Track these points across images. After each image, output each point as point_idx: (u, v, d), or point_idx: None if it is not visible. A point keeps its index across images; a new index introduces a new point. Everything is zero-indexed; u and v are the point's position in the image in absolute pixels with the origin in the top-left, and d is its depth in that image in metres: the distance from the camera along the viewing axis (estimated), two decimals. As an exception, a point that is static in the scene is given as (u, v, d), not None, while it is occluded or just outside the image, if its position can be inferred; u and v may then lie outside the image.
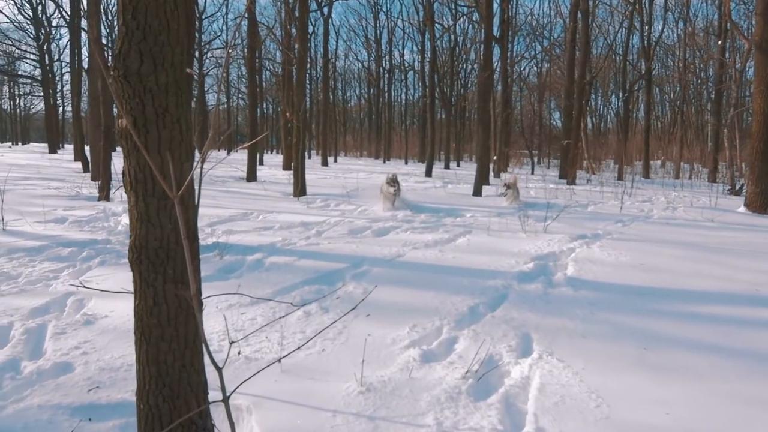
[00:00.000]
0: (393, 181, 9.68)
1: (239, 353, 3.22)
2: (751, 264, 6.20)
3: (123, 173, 2.20)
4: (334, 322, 3.21)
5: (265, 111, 53.00)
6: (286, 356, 2.31)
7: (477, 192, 13.63)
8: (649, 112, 29.38)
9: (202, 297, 3.03)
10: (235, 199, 11.09)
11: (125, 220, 8.04)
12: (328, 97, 33.27)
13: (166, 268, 2.15)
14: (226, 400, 1.90)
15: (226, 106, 53.35)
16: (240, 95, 51.92)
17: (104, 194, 10.43)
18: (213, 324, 3.66)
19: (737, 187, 17.22)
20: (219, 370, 1.90)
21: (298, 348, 2.33)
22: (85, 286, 2.49)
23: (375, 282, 4.87)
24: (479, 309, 4.23)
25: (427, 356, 3.28)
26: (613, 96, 45.59)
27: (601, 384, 2.94)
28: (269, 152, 51.01)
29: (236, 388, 2.07)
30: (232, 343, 1.94)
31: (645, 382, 3.02)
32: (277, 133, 51.32)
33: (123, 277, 4.84)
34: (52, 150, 33.91)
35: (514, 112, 36.05)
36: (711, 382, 3.05)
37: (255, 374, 2.09)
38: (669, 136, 37.36)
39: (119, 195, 10.33)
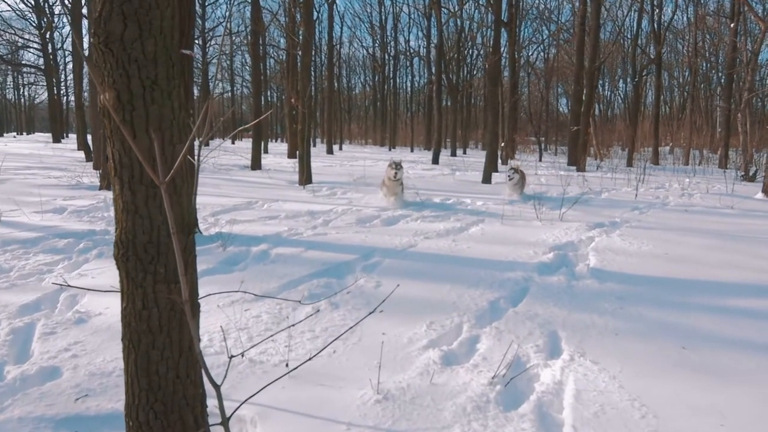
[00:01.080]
0: (396, 165, 8.57)
1: (243, 355, 2.94)
2: (781, 253, 5.88)
3: (106, 157, 1.91)
4: (351, 327, 2.92)
5: (269, 99, 52.58)
6: (295, 368, 2.03)
7: (486, 179, 13.30)
8: (658, 98, 28.82)
9: (201, 296, 2.75)
10: (239, 187, 10.82)
11: (126, 209, 7.77)
12: (333, 84, 32.84)
13: (157, 266, 1.86)
14: (225, 422, 1.62)
15: (230, 94, 52.98)
16: (244, 83, 51.43)
17: (105, 183, 10.16)
18: (214, 322, 3.39)
19: (751, 173, 16.81)
20: (217, 387, 1.62)
21: (309, 359, 2.04)
22: (68, 285, 2.22)
23: (387, 274, 4.59)
24: (500, 304, 3.94)
25: (449, 358, 3.00)
26: (621, 81, 44.98)
27: (642, 390, 2.65)
28: (274, 140, 50.67)
29: (238, 408, 1.79)
30: (231, 357, 1.66)
31: (690, 386, 2.73)
32: (281, 121, 51.00)
33: (121, 271, 4.57)
34: (56, 139, 33.70)
35: (521, 98, 35.53)
36: (764, 387, 2.75)
37: (260, 390, 1.81)
38: (678, 122, 36.77)
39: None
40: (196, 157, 2.24)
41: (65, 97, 41.09)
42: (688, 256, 5.63)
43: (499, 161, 19.19)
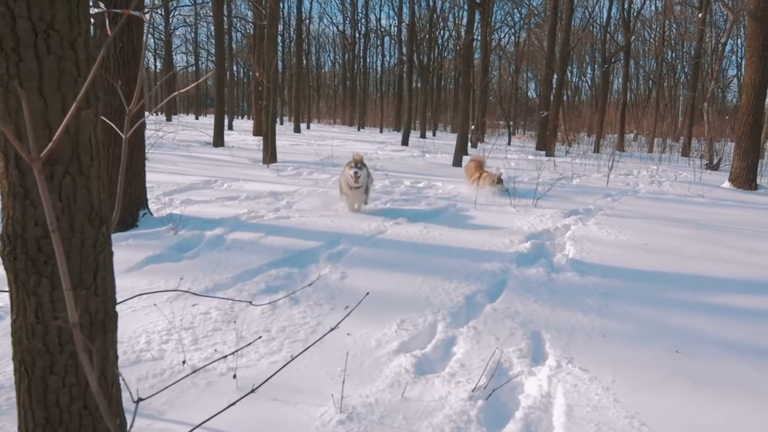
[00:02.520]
0: (358, 164, 6.12)
1: (184, 362, 2.53)
2: (759, 246, 5.73)
3: None
4: (314, 342, 2.53)
5: (236, 74, 51.08)
6: (256, 388, 1.64)
7: (457, 162, 12.99)
8: (626, 85, 28.99)
9: (132, 295, 2.32)
10: (198, 165, 10.23)
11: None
12: (301, 60, 31.97)
13: (55, 268, 1.43)
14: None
15: (194, 68, 51.26)
16: (210, 57, 49.82)
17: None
18: (155, 320, 2.96)
19: (714, 162, 16.97)
20: (136, 403, 1.22)
21: (266, 381, 1.65)
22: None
23: (353, 264, 4.21)
24: (477, 299, 3.61)
25: (422, 365, 2.64)
26: (589, 68, 45.19)
27: (640, 405, 2.35)
28: (240, 117, 49.33)
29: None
30: (138, 401, 1.25)
31: (691, 400, 2.45)
32: (248, 98, 49.64)
33: (55, 256, 4.07)
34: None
35: (491, 81, 35.31)
36: (768, 400, 2.49)
37: (209, 419, 1.42)
38: (643, 110, 37.20)
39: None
40: (126, 130, 1.81)
41: None
42: (667, 247, 5.42)
43: (469, 144, 18.95)
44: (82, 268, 1.47)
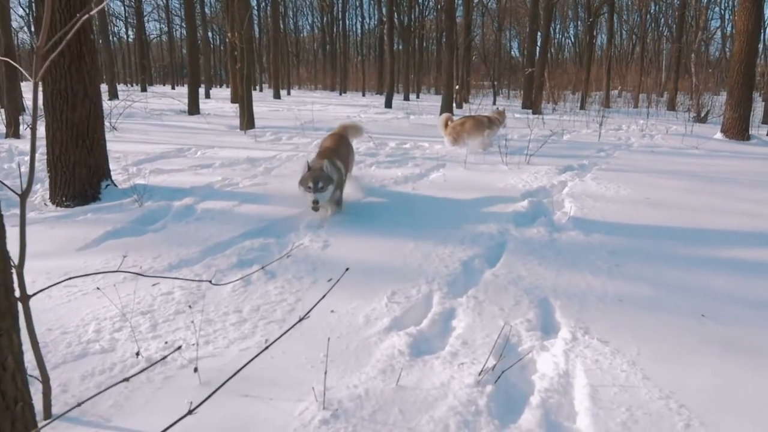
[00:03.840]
0: (315, 179, 3.89)
1: (138, 354, 2.15)
2: (765, 196, 5.43)
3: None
4: (288, 330, 2.17)
5: (212, 41, 49.51)
6: (213, 392, 1.26)
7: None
8: (611, 40, 28.39)
9: (78, 275, 1.92)
10: (171, 133, 9.67)
11: (33, 160, 6.63)
12: (278, 23, 30.86)
13: None
14: None
15: (167, 36, 49.61)
16: (183, 24, 48.13)
17: (12, 130, 8.85)
18: (108, 304, 2.55)
19: (702, 115, 16.66)
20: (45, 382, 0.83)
21: (233, 375, 1.29)
22: None
23: (337, 231, 3.82)
24: (475, 265, 3.25)
25: (419, 344, 2.28)
26: (572, 25, 44.42)
27: (673, 381, 2.02)
28: (218, 86, 48.00)
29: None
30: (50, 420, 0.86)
31: (728, 372, 2.12)
32: (225, 65, 48.23)
33: None
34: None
35: (474, 39, 34.47)
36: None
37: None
38: (627, 65, 36.72)
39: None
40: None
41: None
42: (670, 200, 5.09)
43: (454, 105, 18.44)
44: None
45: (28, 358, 1.66)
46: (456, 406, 1.84)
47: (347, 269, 1.84)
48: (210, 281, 1.90)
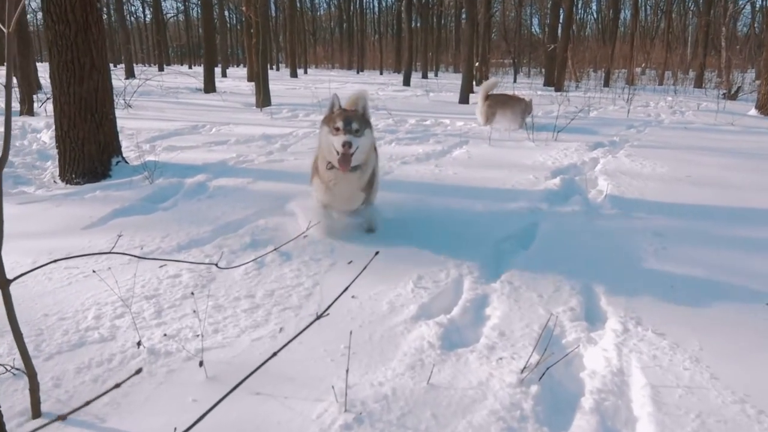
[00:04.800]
0: (347, 120, 2.75)
1: (139, 344, 1.94)
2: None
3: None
4: (308, 325, 1.94)
5: (228, 20, 49.12)
6: (229, 393, 1.04)
7: (464, 99, 12.16)
8: (636, 14, 27.51)
9: (70, 255, 1.70)
10: (186, 111, 9.46)
11: (45, 137, 6.50)
12: (294, 1, 30.39)
13: None
14: None
15: (184, 16, 49.37)
16: (199, 3, 47.73)
17: (26, 108, 8.71)
18: (109, 289, 2.34)
19: (732, 91, 16.00)
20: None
21: (248, 377, 1.07)
22: None
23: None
24: (507, 246, 2.99)
25: (450, 335, 2.04)
26: (595, 1, 43.18)
27: (748, 383, 1.76)
28: (235, 66, 47.71)
29: None
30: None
31: (809, 371, 1.85)
32: (242, 45, 47.86)
33: (8, 214, 3.44)
34: (-7, 65, 30.74)
35: (494, 16, 33.65)
36: None
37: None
38: (651, 42, 35.65)
39: (45, 109, 8.63)
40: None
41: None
42: (713, 178, 4.76)
43: (474, 83, 17.97)
44: None
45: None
46: (498, 410, 1.59)
47: (377, 253, 1.59)
48: (216, 264, 1.67)
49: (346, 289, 1.36)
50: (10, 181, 4.46)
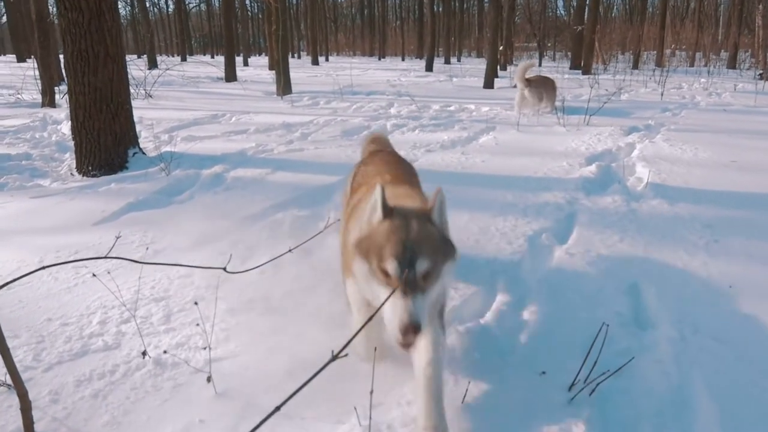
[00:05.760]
0: (414, 252, 1.33)
1: (144, 354, 1.78)
2: None
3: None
4: (339, 353, 1.74)
5: (249, 10, 49.08)
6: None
7: (488, 84, 11.83)
8: (667, -7, 26.56)
9: (43, 266, 1.53)
10: (206, 99, 9.35)
11: (65, 128, 6.43)
12: (315, -12, 30.06)
13: None
14: None
15: (205, 5, 49.48)
16: (220, -8, 47.69)
17: (48, 99, 8.70)
18: (116, 290, 2.19)
19: (768, 72, 15.32)
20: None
21: (277, 409, 0.89)
22: None
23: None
24: (542, 240, 2.76)
25: (485, 344, 1.83)
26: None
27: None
28: (257, 55, 47.69)
29: None
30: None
31: None
32: (263, 34, 47.77)
33: (20, 209, 3.35)
34: (21, 59, 31.09)
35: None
36: None
37: None
38: (681, 22, 34.52)
39: (66, 100, 8.58)
40: None
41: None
42: (759, 163, 4.45)
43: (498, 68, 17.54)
44: None
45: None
46: (544, 435, 1.39)
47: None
48: (224, 269, 1.50)
49: (367, 322, 1.17)
50: (27, 174, 4.37)
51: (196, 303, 1.81)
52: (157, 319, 2.02)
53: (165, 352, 1.80)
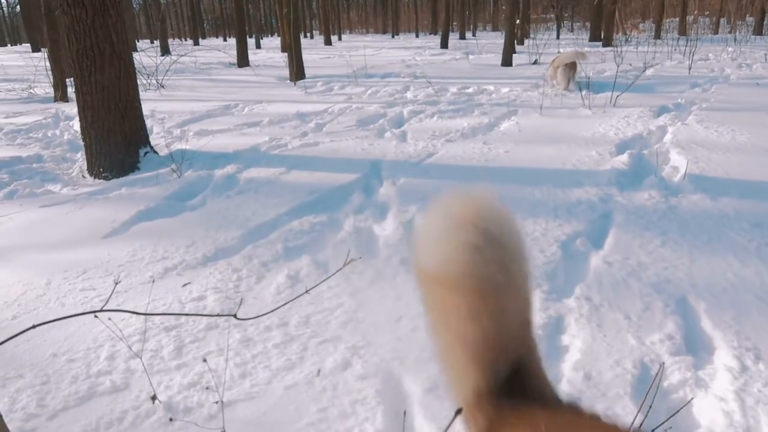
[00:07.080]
0: None
1: (154, 399, 1.64)
2: None
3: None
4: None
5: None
6: None
7: (507, 61, 11.48)
8: (691, -44, 25.59)
9: (34, 324, 1.40)
10: (219, 88, 9.18)
11: (77, 125, 6.31)
12: (325, -35, 29.52)
13: None
14: None
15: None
16: (230, -28, 47.14)
17: (60, 94, 8.60)
18: (126, 318, 2.06)
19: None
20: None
21: None
22: None
23: (401, 201, 3.21)
24: (577, 246, 2.57)
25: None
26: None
27: None
28: (269, 35, 47.26)
29: None
30: None
31: None
32: (275, 13, 47.25)
33: (28, 220, 3.24)
34: (35, 49, 31.14)
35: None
36: None
37: None
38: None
39: (78, 93, 8.48)
40: None
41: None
42: (805, 146, 4.17)
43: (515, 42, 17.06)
44: None
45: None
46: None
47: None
48: (235, 315, 1.35)
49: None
50: (37, 179, 4.27)
51: (205, 360, 1.67)
52: (168, 353, 1.88)
53: (164, 402, 1.67)
